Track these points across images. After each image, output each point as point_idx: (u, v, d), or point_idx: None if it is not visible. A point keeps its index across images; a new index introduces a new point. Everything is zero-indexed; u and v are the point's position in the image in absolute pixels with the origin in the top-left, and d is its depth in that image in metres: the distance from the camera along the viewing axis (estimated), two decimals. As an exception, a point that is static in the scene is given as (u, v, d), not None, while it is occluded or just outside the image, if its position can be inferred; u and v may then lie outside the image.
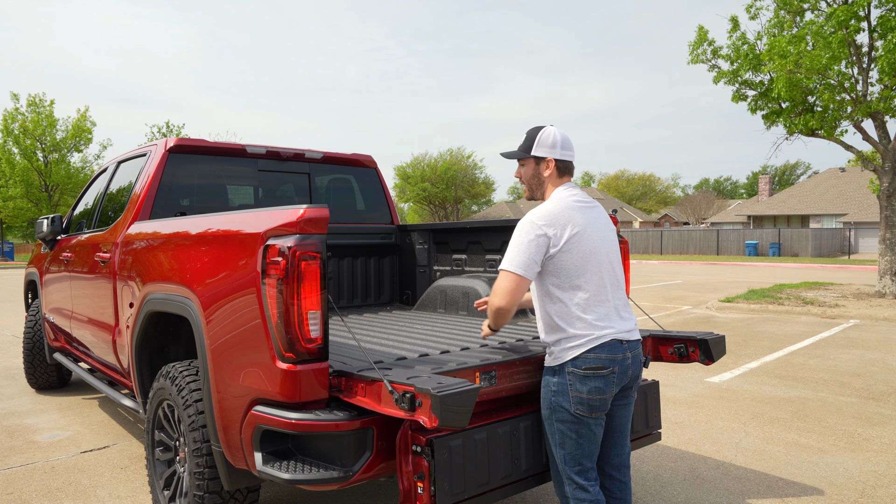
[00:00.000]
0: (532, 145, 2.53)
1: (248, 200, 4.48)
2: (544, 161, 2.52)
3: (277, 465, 2.30)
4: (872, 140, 12.91)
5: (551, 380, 2.40)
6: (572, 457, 2.38)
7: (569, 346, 2.35)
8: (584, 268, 2.37)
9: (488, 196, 54.64)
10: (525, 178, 2.59)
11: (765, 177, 52.68)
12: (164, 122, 42.49)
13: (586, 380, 2.32)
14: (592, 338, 2.34)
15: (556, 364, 2.39)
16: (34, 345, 5.86)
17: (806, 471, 3.92)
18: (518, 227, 2.40)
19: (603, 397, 2.35)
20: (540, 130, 2.55)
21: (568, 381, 2.34)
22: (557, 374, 2.38)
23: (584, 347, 2.33)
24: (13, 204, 34.85)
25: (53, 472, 3.98)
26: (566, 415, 2.35)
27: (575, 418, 2.35)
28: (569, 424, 2.36)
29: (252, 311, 2.37)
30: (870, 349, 7.94)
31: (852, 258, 35.89)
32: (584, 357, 2.33)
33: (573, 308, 2.36)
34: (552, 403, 2.39)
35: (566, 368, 2.35)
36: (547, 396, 2.42)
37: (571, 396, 2.34)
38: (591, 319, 2.36)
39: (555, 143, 2.52)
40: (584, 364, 2.33)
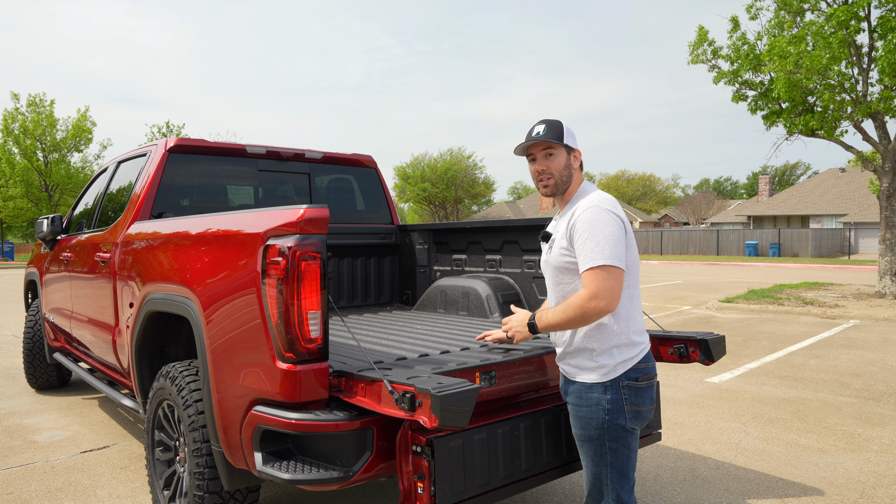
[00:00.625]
0: (562, 133, 2.31)
1: (248, 200, 4.48)
2: (574, 151, 2.35)
3: (277, 465, 2.30)
4: (872, 140, 12.90)
5: (602, 398, 2.18)
6: (623, 473, 2.22)
7: (624, 357, 2.18)
8: (634, 267, 2.23)
9: (488, 196, 54.65)
10: (555, 170, 2.32)
11: (765, 177, 52.70)
12: (165, 122, 42.51)
13: (642, 391, 2.20)
14: (644, 345, 2.22)
15: (607, 380, 2.18)
16: (34, 345, 5.86)
17: (806, 471, 3.92)
18: (592, 217, 2.14)
19: (653, 407, 2.26)
20: (562, 122, 2.34)
21: (623, 396, 2.17)
22: (610, 390, 2.17)
23: (640, 357, 2.20)
24: (13, 204, 34.85)
25: (53, 472, 3.98)
26: (621, 432, 2.19)
27: (628, 433, 2.20)
28: (622, 441, 2.20)
29: (252, 311, 2.37)
30: (870, 349, 7.94)
31: (852, 258, 35.89)
32: (637, 368, 2.19)
33: (630, 308, 2.21)
34: (605, 423, 2.18)
35: (620, 383, 2.17)
36: (597, 416, 2.19)
37: (628, 412, 2.17)
38: (637, 325, 2.23)
39: (575, 135, 2.37)
40: (638, 375, 2.19)
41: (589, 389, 2.22)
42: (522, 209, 61.79)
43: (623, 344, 2.19)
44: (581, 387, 2.24)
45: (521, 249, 4.05)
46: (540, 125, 2.35)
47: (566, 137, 2.33)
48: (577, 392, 2.26)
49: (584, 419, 2.23)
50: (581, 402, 2.24)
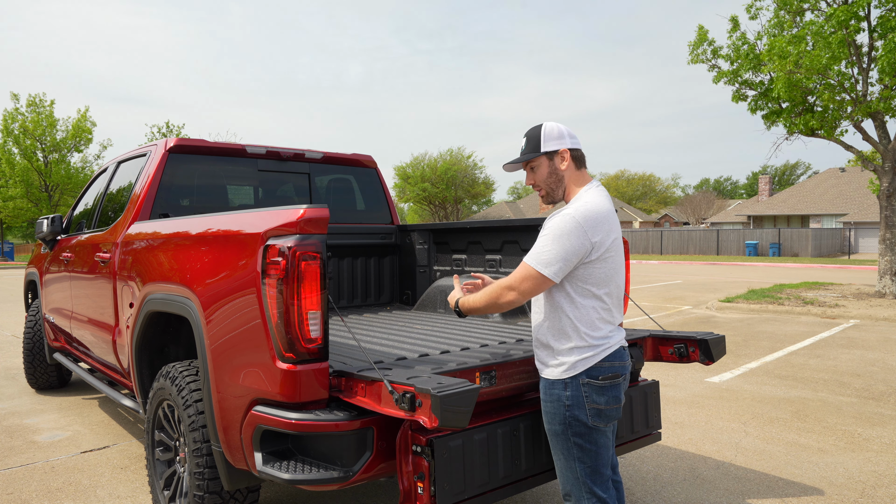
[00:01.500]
0: (539, 143, 2.32)
1: (248, 200, 4.48)
2: (558, 154, 2.31)
3: (277, 465, 2.30)
4: (872, 140, 12.91)
5: (563, 393, 2.23)
6: (592, 469, 2.26)
7: (583, 356, 2.21)
8: (613, 276, 2.24)
9: (488, 196, 54.64)
10: (541, 181, 2.35)
11: (765, 177, 52.69)
12: (164, 123, 42.52)
13: (604, 390, 2.22)
14: (606, 346, 2.24)
15: (568, 376, 2.23)
16: (34, 345, 5.86)
17: (806, 471, 3.92)
18: (559, 223, 2.15)
19: (618, 406, 2.27)
20: (541, 127, 2.35)
21: (584, 393, 2.21)
22: (570, 386, 2.22)
23: (600, 357, 2.22)
24: (13, 204, 34.85)
25: (53, 472, 3.98)
26: (583, 428, 2.23)
27: (592, 429, 2.23)
28: (586, 437, 2.23)
29: (252, 311, 2.37)
30: (870, 349, 7.93)
31: (852, 258, 35.89)
32: (599, 367, 2.22)
33: (593, 316, 2.22)
34: (566, 418, 2.23)
35: (580, 380, 2.21)
36: (559, 411, 2.25)
37: (588, 408, 2.21)
38: (607, 329, 2.26)
39: (561, 133, 2.33)
40: (600, 374, 2.21)
41: (552, 385, 2.28)
42: (522, 209, 61.81)
43: (582, 346, 2.22)
44: (546, 382, 2.31)
45: (521, 249, 4.05)
46: (523, 139, 2.40)
47: (544, 144, 2.32)
48: (543, 387, 2.33)
49: (549, 414, 2.30)
50: (546, 398, 2.31)
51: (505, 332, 3.35)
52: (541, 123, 2.38)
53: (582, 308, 2.22)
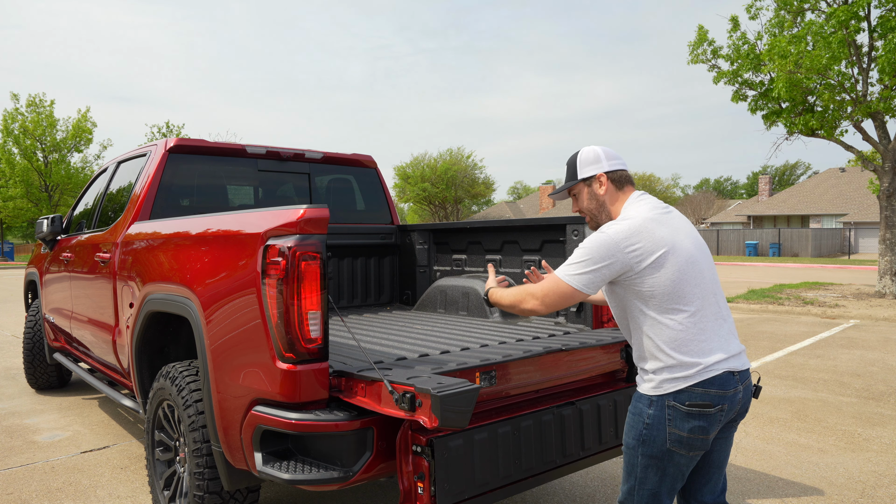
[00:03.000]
0: (575, 170, 2.30)
1: (248, 200, 4.48)
2: (595, 179, 2.27)
3: (277, 465, 2.30)
4: (872, 140, 12.91)
5: (646, 410, 2.08)
6: (652, 493, 2.11)
7: (673, 376, 2.03)
8: (685, 287, 2.04)
9: (488, 196, 54.61)
10: (583, 207, 2.32)
11: (765, 177, 52.68)
12: (164, 123, 42.52)
13: (689, 418, 2.02)
14: (701, 369, 2.01)
15: (655, 394, 2.06)
16: (34, 345, 5.86)
17: (806, 471, 3.92)
18: (594, 238, 2.08)
19: (706, 437, 2.04)
20: (577, 154, 2.32)
21: (667, 416, 2.04)
22: (655, 405, 2.06)
23: (692, 381, 2.01)
24: (13, 204, 34.85)
25: (53, 472, 3.98)
26: (657, 450, 2.06)
27: (666, 454, 2.06)
28: (656, 460, 2.07)
29: (252, 311, 2.37)
30: (870, 349, 7.94)
31: (852, 258, 35.89)
32: (689, 391, 2.01)
33: (677, 333, 2.03)
34: (643, 435, 2.09)
35: (667, 402, 2.04)
36: (637, 426, 2.11)
37: (669, 433, 2.04)
38: (698, 348, 2.03)
39: (597, 157, 2.28)
40: (688, 400, 2.01)
41: (638, 398, 2.15)
42: (522, 209, 61.80)
43: (671, 365, 2.04)
44: (636, 394, 2.17)
45: (521, 249, 4.05)
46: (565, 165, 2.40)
47: (580, 171, 2.29)
48: (633, 397, 2.19)
49: (629, 425, 2.17)
50: (631, 408, 2.18)
51: (505, 332, 3.35)
52: (579, 150, 2.34)
53: (662, 326, 2.05)
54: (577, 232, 3.57)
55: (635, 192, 2.26)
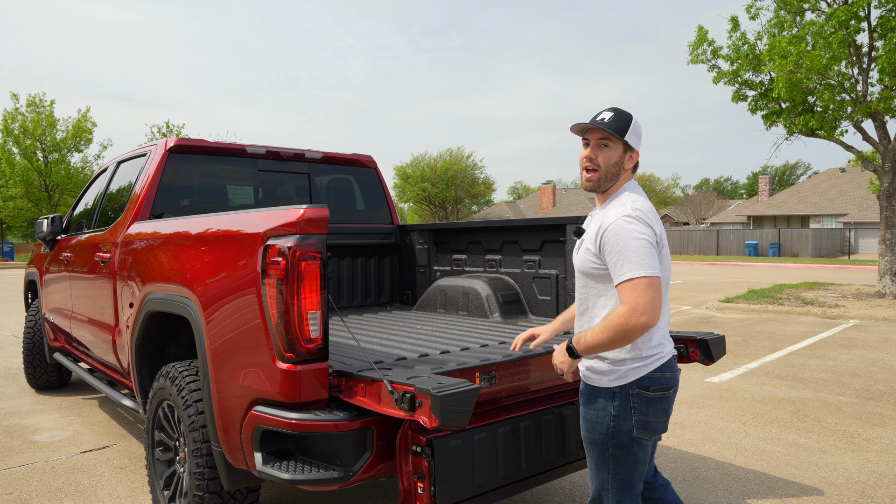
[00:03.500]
0: (626, 128, 2.16)
1: (248, 200, 4.48)
2: (631, 152, 2.20)
3: (277, 465, 2.30)
4: (872, 140, 12.91)
5: (609, 403, 2.12)
6: (626, 481, 2.16)
7: (635, 365, 2.09)
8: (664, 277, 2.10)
9: (488, 196, 54.63)
10: (605, 163, 2.18)
11: (765, 177, 52.67)
12: (164, 123, 42.50)
13: (653, 402, 2.10)
14: (659, 356, 2.11)
15: (616, 385, 2.11)
16: (34, 345, 5.86)
17: (806, 471, 3.92)
18: (619, 228, 2.03)
19: (666, 419, 2.15)
20: (632, 117, 2.19)
21: (632, 404, 2.10)
22: (618, 397, 2.11)
23: (652, 367, 2.10)
24: (13, 204, 34.85)
25: (53, 472, 3.98)
26: (626, 439, 2.12)
27: (634, 441, 2.12)
28: (627, 449, 2.13)
29: (252, 311, 2.37)
30: (870, 349, 7.94)
31: (852, 258, 35.89)
32: (650, 377, 2.10)
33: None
34: (610, 429, 2.12)
35: (630, 390, 2.09)
36: (603, 421, 2.14)
37: (635, 420, 2.10)
38: (660, 336, 2.13)
39: (640, 136, 2.21)
40: (650, 384, 2.10)
41: (598, 393, 2.16)
42: (522, 209, 61.80)
43: (635, 356, 2.10)
44: (591, 389, 2.18)
45: (521, 249, 4.05)
46: (608, 111, 2.20)
47: (629, 134, 2.17)
48: (586, 394, 2.21)
49: (591, 422, 2.18)
50: (589, 405, 2.19)
51: (505, 332, 3.35)
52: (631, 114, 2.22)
53: None
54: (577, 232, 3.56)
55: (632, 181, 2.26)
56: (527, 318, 3.93)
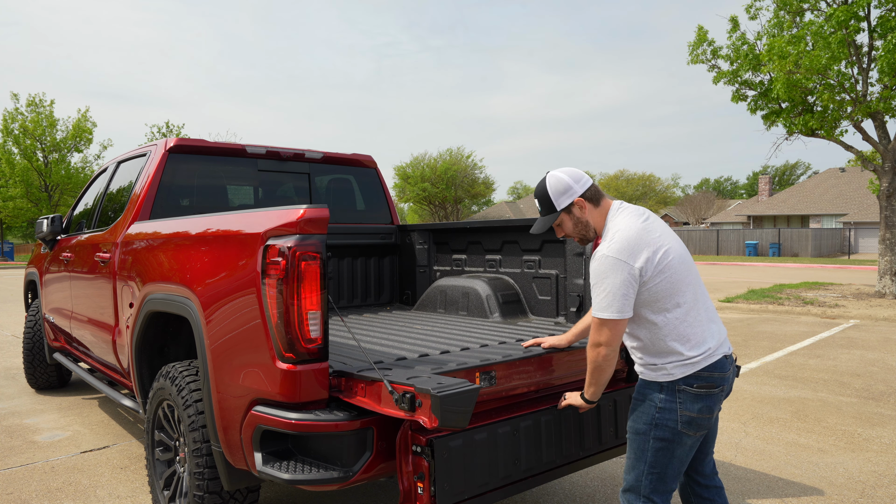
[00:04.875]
0: (551, 203, 2.39)
1: (248, 200, 4.48)
2: (574, 205, 2.38)
3: (277, 465, 2.30)
4: (872, 140, 12.91)
5: (657, 395, 2.25)
6: (661, 476, 2.26)
7: (683, 364, 2.21)
8: (679, 283, 2.22)
9: (488, 196, 54.64)
10: (570, 232, 2.45)
11: (765, 177, 52.67)
12: (164, 122, 42.49)
13: (698, 399, 2.21)
14: (706, 355, 2.22)
15: (666, 381, 2.24)
16: (34, 345, 5.86)
17: (806, 471, 3.92)
18: (598, 267, 2.20)
19: (711, 416, 2.25)
20: (545, 187, 2.41)
21: (678, 400, 2.22)
22: (666, 390, 2.23)
23: (699, 366, 2.21)
24: (13, 204, 34.85)
25: (53, 472, 3.98)
26: (668, 433, 2.23)
27: (677, 437, 2.23)
28: (667, 443, 2.24)
29: (252, 311, 2.37)
30: (870, 349, 7.94)
31: (852, 258, 35.89)
32: (697, 375, 2.21)
33: (679, 327, 2.22)
34: (655, 419, 2.25)
35: (677, 386, 2.22)
36: (649, 412, 2.26)
37: (680, 415, 2.21)
38: (700, 337, 2.23)
39: (566, 184, 2.38)
40: (696, 383, 2.21)
41: (648, 385, 2.30)
42: (522, 209, 61.80)
43: (680, 356, 2.22)
44: (643, 382, 2.33)
45: (521, 249, 4.05)
46: (535, 199, 2.48)
47: (557, 203, 2.39)
48: (638, 386, 2.35)
49: (637, 412, 2.31)
50: (638, 396, 2.33)
51: (505, 332, 3.35)
52: (544, 180, 2.43)
53: (663, 326, 2.22)
54: None
55: (613, 204, 2.38)
56: (527, 318, 3.93)
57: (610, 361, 2.26)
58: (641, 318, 2.25)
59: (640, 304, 2.22)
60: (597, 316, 2.22)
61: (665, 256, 2.20)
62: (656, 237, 2.23)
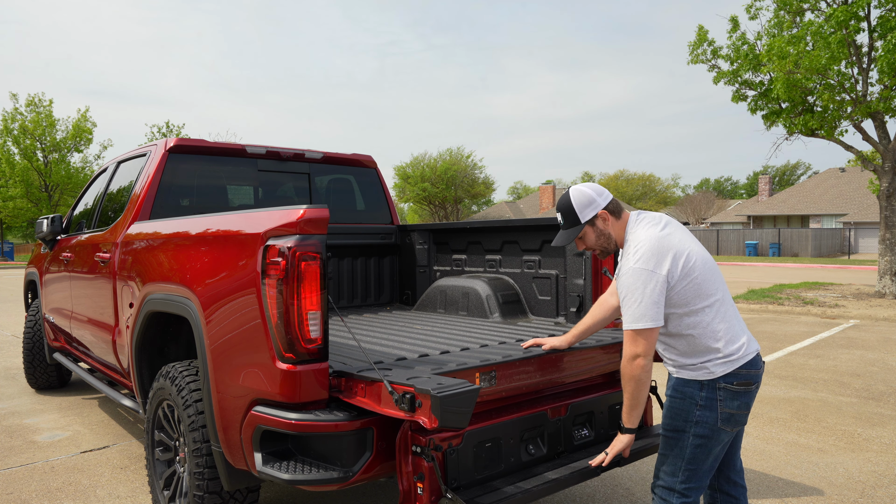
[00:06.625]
0: (576, 215, 2.44)
1: (248, 201, 4.48)
2: (598, 217, 2.44)
3: (277, 465, 2.30)
4: (872, 140, 12.91)
5: (698, 393, 2.29)
6: (696, 472, 2.31)
7: (722, 362, 2.27)
8: (705, 284, 2.28)
9: (488, 196, 54.63)
10: (592, 245, 2.50)
11: (765, 177, 52.66)
12: (165, 122, 42.47)
13: (737, 396, 2.27)
14: (744, 352, 2.29)
15: (706, 379, 2.28)
16: (34, 345, 5.86)
17: (806, 471, 3.92)
18: (627, 281, 2.27)
19: (747, 413, 2.32)
20: (570, 200, 2.46)
21: (718, 397, 2.27)
22: (706, 388, 2.28)
23: (738, 363, 2.27)
24: (13, 204, 34.84)
25: (53, 472, 3.98)
26: (708, 430, 2.28)
27: (715, 433, 2.29)
28: (706, 439, 2.29)
29: (252, 311, 2.37)
30: (870, 349, 7.94)
31: (852, 258, 35.89)
32: (736, 373, 2.27)
33: (712, 325, 2.28)
34: (695, 416, 2.29)
35: (718, 384, 2.27)
36: (689, 409, 2.31)
37: (720, 412, 2.27)
38: (733, 334, 2.30)
39: (590, 197, 2.44)
40: (736, 380, 2.27)
41: (687, 384, 2.32)
42: (522, 209, 61.81)
43: (719, 357, 2.27)
44: (679, 381, 2.35)
45: (521, 249, 4.05)
46: (557, 213, 2.52)
47: (581, 215, 2.44)
48: (674, 385, 2.37)
49: (675, 410, 2.34)
50: (676, 395, 2.35)
51: (505, 332, 3.35)
52: (567, 193, 2.49)
53: (701, 325, 2.28)
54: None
55: (632, 215, 2.46)
56: (527, 319, 3.93)
57: (648, 372, 2.28)
58: (674, 322, 2.30)
59: (671, 307, 2.27)
60: (632, 328, 2.25)
61: (688, 260, 2.26)
62: (677, 242, 2.29)
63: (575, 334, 2.77)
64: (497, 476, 2.45)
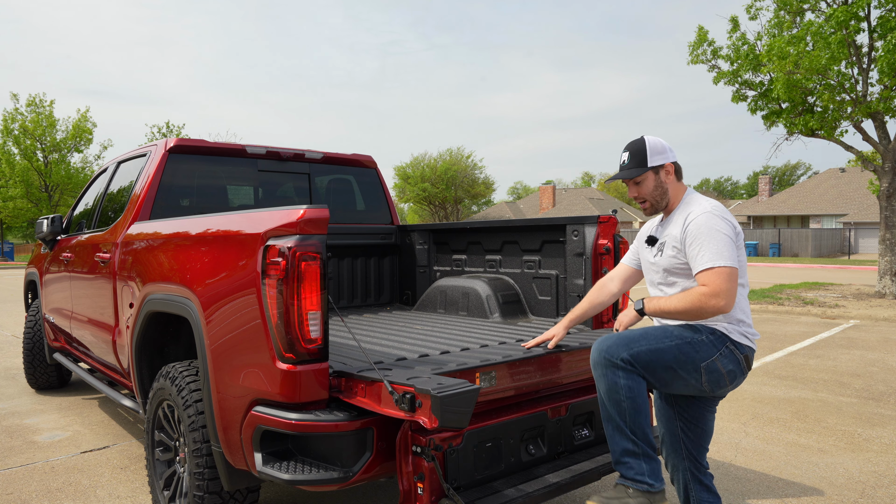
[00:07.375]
0: (645, 158, 2.42)
1: (248, 201, 4.48)
2: (663, 168, 2.42)
3: (277, 465, 2.30)
4: (872, 140, 12.91)
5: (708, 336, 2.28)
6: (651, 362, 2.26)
7: (741, 331, 2.31)
8: (744, 265, 2.33)
9: (488, 196, 54.62)
10: (646, 194, 2.45)
11: (765, 177, 52.66)
12: (165, 123, 42.48)
13: (735, 362, 2.29)
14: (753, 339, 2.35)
15: (722, 331, 2.29)
16: (34, 345, 5.86)
17: (806, 471, 3.92)
18: (705, 222, 2.24)
19: (727, 387, 2.33)
20: (645, 142, 2.44)
21: (720, 350, 2.27)
22: (716, 335, 2.29)
23: (750, 343, 2.34)
24: (13, 204, 34.84)
25: (53, 472, 3.98)
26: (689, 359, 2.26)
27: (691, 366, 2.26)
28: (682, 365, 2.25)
29: (252, 311, 2.37)
30: (870, 349, 7.94)
31: (852, 258, 35.89)
32: (742, 345, 2.32)
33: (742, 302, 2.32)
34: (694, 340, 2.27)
35: (727, 342, 2.29)
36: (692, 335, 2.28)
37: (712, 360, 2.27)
38: (750, 319, 2.37)
39: (664, 147, 2.44)
40: (742, 352, 2.32)
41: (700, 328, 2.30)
42: (522, 209, 61.79)
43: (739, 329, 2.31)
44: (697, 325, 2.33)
45: (521, 249, 4.05)
46: (625, 152, 2.47)
47: (650, 159, 2.41)
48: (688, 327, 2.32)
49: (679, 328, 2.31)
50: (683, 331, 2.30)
51: (505, 333, 3.35)
52: (642, 137, 2.47)
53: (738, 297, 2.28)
54: (576, 232, 3.56)
55: (689, 187, 2.47)
56: (527, 319, 3.93)
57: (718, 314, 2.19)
58: None
59: None
60: (713, 265, 2.17)
61: (739, 237, 2.29)
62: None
63: (571, 318, 2.75)
64: (497, 476, 2.45)
